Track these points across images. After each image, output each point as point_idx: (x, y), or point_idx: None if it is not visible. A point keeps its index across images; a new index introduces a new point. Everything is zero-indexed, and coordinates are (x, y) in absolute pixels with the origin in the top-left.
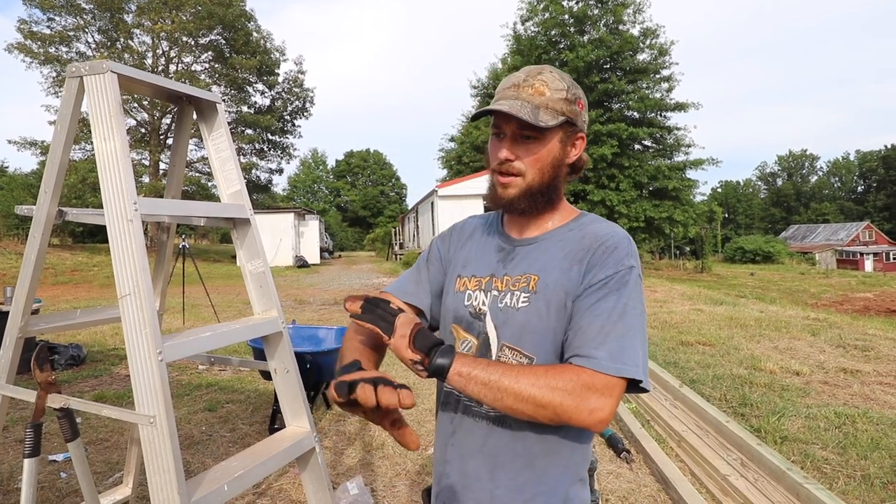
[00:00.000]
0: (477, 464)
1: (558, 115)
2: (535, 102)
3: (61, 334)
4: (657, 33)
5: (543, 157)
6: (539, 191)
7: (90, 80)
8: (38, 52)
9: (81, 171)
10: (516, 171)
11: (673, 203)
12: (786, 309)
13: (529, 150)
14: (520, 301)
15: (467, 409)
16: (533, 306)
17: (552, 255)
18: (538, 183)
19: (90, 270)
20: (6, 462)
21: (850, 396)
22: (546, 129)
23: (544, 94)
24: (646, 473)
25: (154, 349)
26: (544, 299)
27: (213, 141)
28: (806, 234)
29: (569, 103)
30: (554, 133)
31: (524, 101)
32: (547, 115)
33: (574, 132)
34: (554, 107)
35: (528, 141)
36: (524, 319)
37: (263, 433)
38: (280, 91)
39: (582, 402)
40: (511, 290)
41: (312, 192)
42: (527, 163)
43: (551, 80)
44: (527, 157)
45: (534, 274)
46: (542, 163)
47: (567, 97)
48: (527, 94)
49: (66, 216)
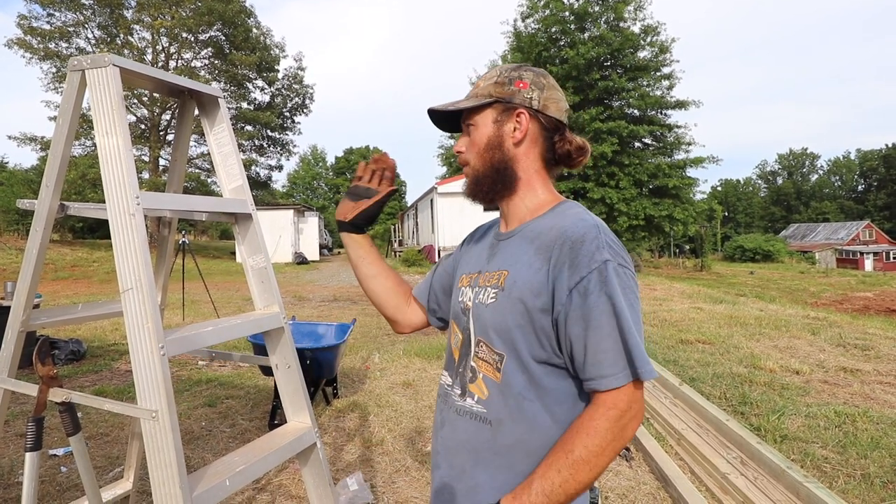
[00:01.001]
0: (462, 458)
1: (484, 97)
2: (472, 94)
3: (62, 329)
4: (658, 31)
5: (478, 140)
6: (484, 175)
7: (92, 73)
8: (37, 47)
9: (81, 166)
10: (464, 161)
11: (673, 201)
12: (786, 308)
13: (470, 139)
14: (488, 297)
15: (454, 403)
16: (498, 303)
17: (524, 250)
18: (481, 167)
19: (90, 266)
20: (7, 456)
21: (850, 395)
22: (476, 112)
23: (479, 86)
24: (645, 471)
25: (156, 344)
26: (509, 297)
27: (214, 136)
28: (806, 232)
29: (499, 86)
30: (485, 116)
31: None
32: (468, 101)
33: (510, 109)
34: (481, 93)
35: (469, 129)
36: (490, 316)
37: (263, 429)
38: (280, 88)
39: (623, 434)
40: (485, 286)
41: (312, 188)
42: (469, 151)
43: (490, 74)
44: (468, 146)
45: (505, 269)
46: (479, 146)
47: (497, 80)
48: (473, 91)
49: (68, 210)
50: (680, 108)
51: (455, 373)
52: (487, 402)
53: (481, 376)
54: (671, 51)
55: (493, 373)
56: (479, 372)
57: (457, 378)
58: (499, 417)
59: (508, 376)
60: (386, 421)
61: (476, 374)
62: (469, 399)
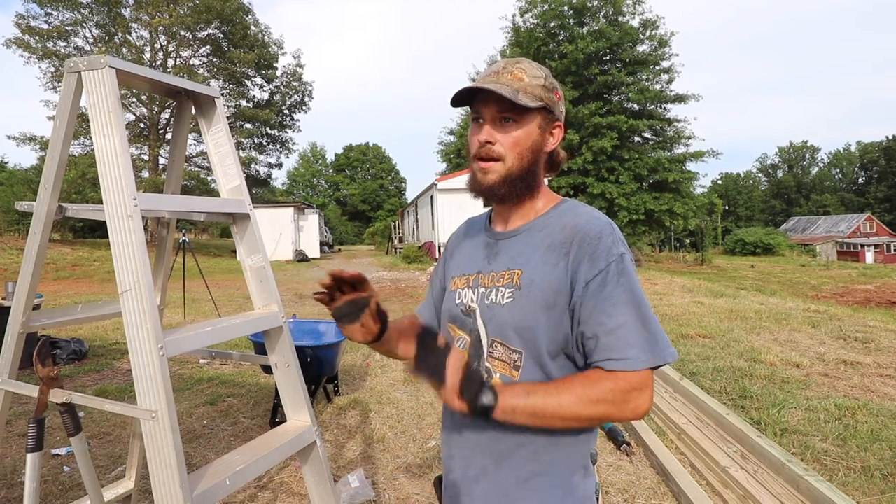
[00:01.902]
0: (483, 456)
1: (537, 99)
2: (514, 86)
3: (63, 329)
4: (657, 24)
5: (523, 141)
6: (519, 176)
7: (88, 75)
8: (36, 47)
9: (81, 166)
10: (496, 154)
11: (673, 195)
12: (786, 301)
13: (509, 134)
14: (504, 297)
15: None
16: (517, 302)
17: (534, 247)
18: (518, 168)
19: (91, 265)
20: (9, 456)
21: (850, 388)
22: (525, 111)
23: (523, 79)
24: (646, 466)
25: (155, 344)
26: (528, 296)
27: (212, 136)
28: (806, 225)
29: (547, 90)
30: (532, 117)
31: (503, 84)
32: (526, 97)
33: (552, 120)
34: (532, 91)
35: (508, 124)
36: (509, 316)
37: (265, 427)
38: (279, 85)
39: (625, 406)
40: (496, 286)
41: (312, 186)
42: (506, 146)
43: (529, 69)
44: (506, 141)
45: (517, 268)
46: (522, 147)
47: (545, 84)
48: (506, 79)
49: (66, 212)
50: (679, 102)
51: None
52: None
53: (497, 375)
54: (670, 44)
55: (509, 371)
56: (494, 372)
57: None
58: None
59: (527, 373)
60: (387, 418)
61: (491, 374)
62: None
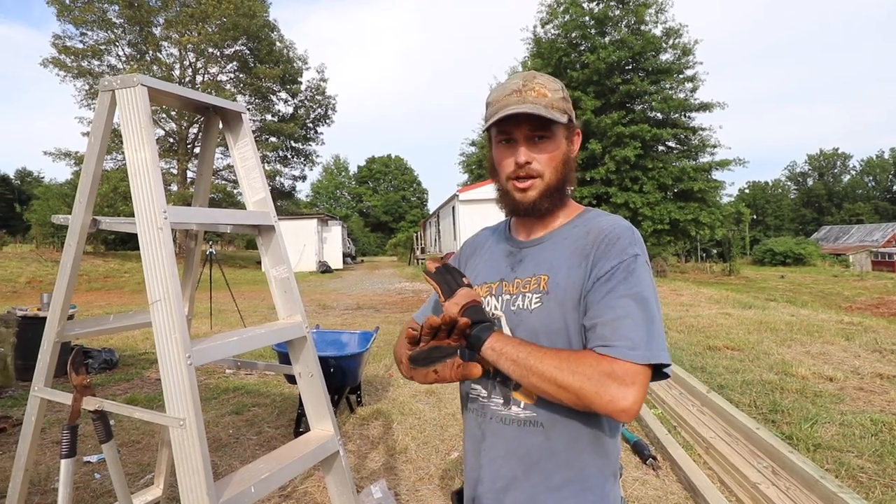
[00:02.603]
0: (512, 466)
1: (562, 113)
2: (542, 103)
3: (94, 339)
4: (680, 33)
5: (557, 156)
6: (556, 188)
7: (122, 93)
8: (71, 65)
9: (113, 180)
10: (536, 172)
11: (699, 205)
12: (818, 312)
13: (544, 150)
14: (532, 302)
15: (495, 414)
16: (546, 307)
17: (560, 254)
18: (555, 181)
19: (121, 277)
20: (44, 463)
21: (887, 403)
22: (557, 127)
23: (547, 95)
24: (673, 481)
25: (183, 353)
26: (556, 299)
27: (238, 150)
28: (839, 235)
29: (566, 101)
30: (560, 131)
31: (532, 103)
32: (555, 112)
33: (572, 129)
34: (558, 105)
35: (542, 142)
36: (538, 320)
37: (289, 436)
38: (303, 99)
39: (601, 389)
40: (522, 291)
41: (335, 198)
42: (543, 163)
43: (548, 83)
44: (542, 158)
45: (543, 274)
46: (557, 161)
47: (564, 96)
48: (532, 97)
49: (99, 225)
50: (704, 110)
51: (492, 383)
52: (537, 407)
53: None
54: (694, 53)
55: None
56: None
57: (495, 388)
58: (552, 418)
59: None
60: (409, 429)
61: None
62: (515, 407)
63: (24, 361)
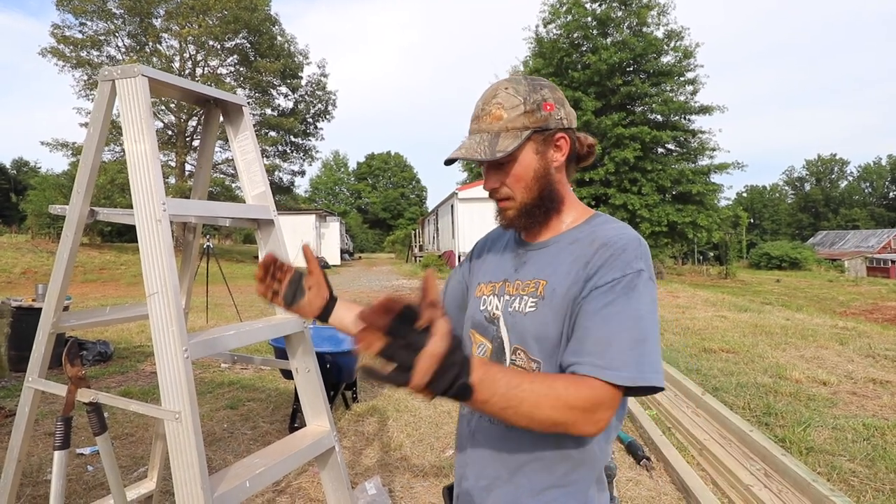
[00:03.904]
0: (497, 466)
1: (521, 131)
2: (494, 130)
3: (89, 331)
4: (682, 35)
5: (523, 175)
6: (534, 205)
7: (122, 83)
8: (70, 56)
9: (110, 171)
10: (505, 195)
11: (696, 207)
12: (813, 317)
13: (509, 174)
14: (527, 306)
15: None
16: (539, 312)
17: (562, 259)
18: (529, 199)
19: (118, 269)
20: (36, 454)
21: (879, 408)
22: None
23: (502, 117)
24: (666, 481)
25: (180, 346)
26: (551, 305)
27: (238, 143)
28: (835, 240)
29: (530, 114)
30: (528, 146)
31: (484, 132)
32: (508, 139)
33: (550, 136)
34: (514, 126)
35: (505, 165)
36: (530, 324)
37: (284, 431)
38: (303, 94)
39: (592, 416)
40: (521, 294)
41: (334, 193)
42: (511, 185)
43: (506, 100)
44: (509, 181)
45: (542, 279)
46: (525, 180)
47: (526, 109)
48: (486, 123)
49: (97, 216)
50: (704, 113)
51: None
52: None
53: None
54: (695, 55)
55: None
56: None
57: None
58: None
59: None
60: (405, 426)
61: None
62: None
63: (18, 352)
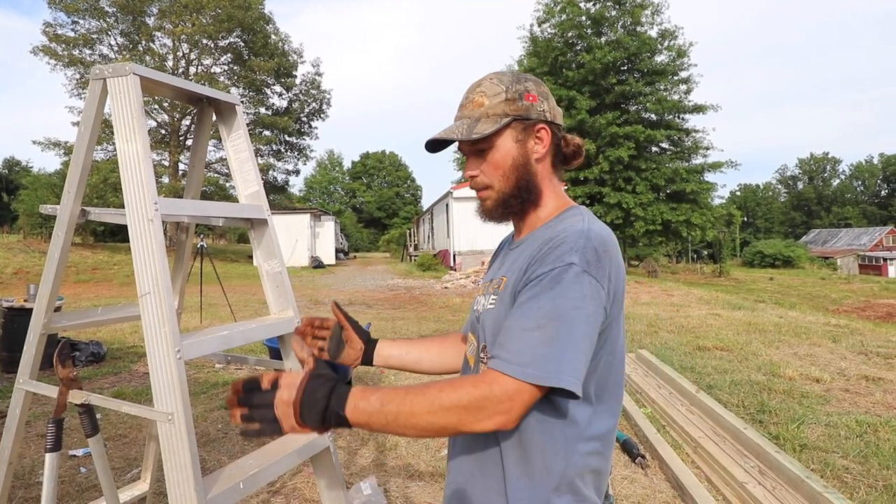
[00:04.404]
0: (469, 464)
1: (500, 117)
2: (475, 116)
3: (82, 331)
4: (675, 35)
5: (501, 163)
6: (511, 195)
7: (113, 82)
8: (62, 54)
9: (103, 171)
10: (483, 184)
11: (690, 206)
12: (806, 314)
13: (488, 161)
14: (489, 303)
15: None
16: (496, 308)
17: (526, 255)
18: (507, 188)
19: (110, 269)
20: (28, 456)
21: (872, 405)
22: (495, 136)
23: (483, 104)
24: (661, 479)
25: (173, 347)
26: (503, 301)
27: (231, 142)
28: (827, 238)
29: (511, 102)
30: (504, 136)
31: (465, 118)
32: (487, 123)
33: (530, 126)
34: (495, 112)
35: (484, 153)
36: (488, 320)
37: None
38: (297, 93)
39: (480, 414)
40: (488, 292)
41: (328, 193)
42: (489, 173)
43: (489, 88)
44: (487, 168)
45: (504, 275)
46: (503, 168)
47: (507, 97)
48: (468, 110)
49: (88, 216)
50: (698, 112)
51: None
52: None
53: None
54: (689, 55)
55: None
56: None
57: None
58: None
59: None
60: None
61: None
62: None
63: (9, 353)
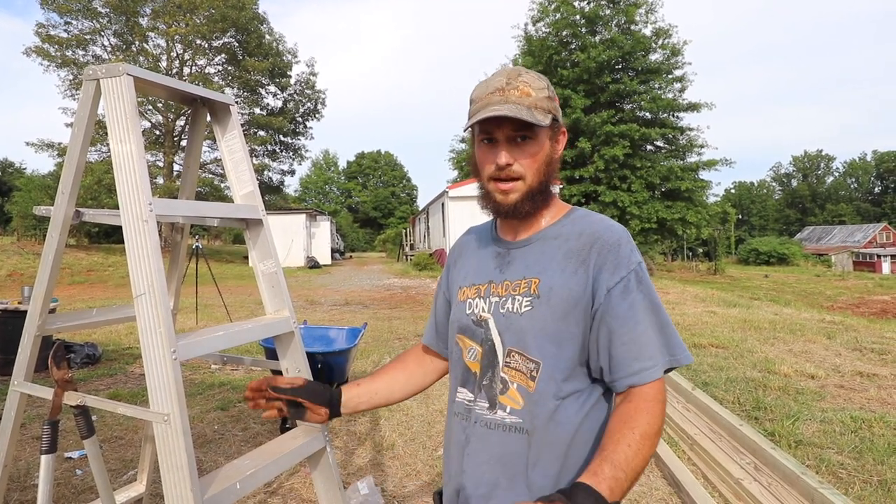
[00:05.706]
0: (495, 472)
1: (547, 113)
2: (525, 104)
3: (77, 333)
4: (670, 33)
5: (539, 157)
6: (539, 191)
7: (107, 82)
8: (55, 55)
9: (97, 172)
10: (517, 175)
11: (686, 204)
12: (801, 311)
13: (525, 152)
14: (522, 306)
15: (480, 418)
16: (537, 311)
17: (550, 255)
18: (537, 183)
19: (105, 270)
20: (23, 459)
21: (866, 400)
22: (540, 128)
23: (531, 94)
24: (657, 476)
25: (168, 348)
26: (548, 304)
27: (226, 142)
28: (822, 235)
29: (551, 101)
30: (545, 131)
31: (514, 103)
32: (540, 114)
33: (557, 128)
34: (542, 106)
35: (524, 143)
36: (528, 324)
37: (275, 432)
38: (292, 93)
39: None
40: (512, 294)
41: (324, 193)
42: (525, 165)
43: (532, 81)
44: (524, 159)
45: (534, 277)
46: (539, 162)
47: (549, 95)
48: (515, 96)
49: (83, 217)
50: (692, 110)
51: (477, 387)
52: (522, 412)
53: (515, 386)
54: (683, 53)
55: (526, 381)
56: (511, 382)
57: (480, 392)
58: (535, 425)
59: (544, 383)
60: (397, 425)
61: (508, 384)
62: (500, 411)
63: (3, 355)
